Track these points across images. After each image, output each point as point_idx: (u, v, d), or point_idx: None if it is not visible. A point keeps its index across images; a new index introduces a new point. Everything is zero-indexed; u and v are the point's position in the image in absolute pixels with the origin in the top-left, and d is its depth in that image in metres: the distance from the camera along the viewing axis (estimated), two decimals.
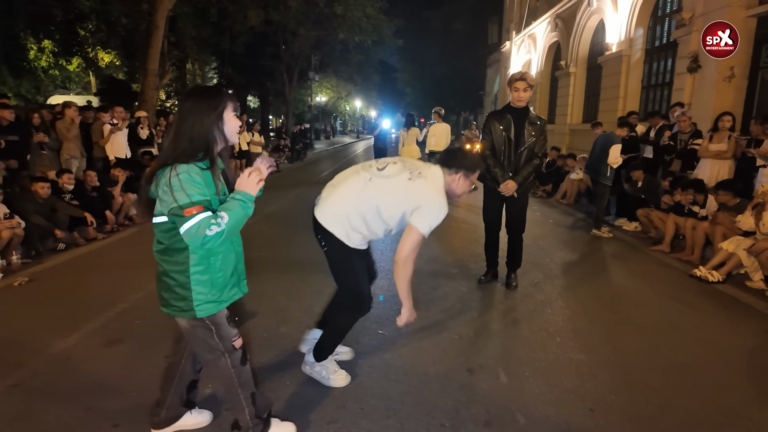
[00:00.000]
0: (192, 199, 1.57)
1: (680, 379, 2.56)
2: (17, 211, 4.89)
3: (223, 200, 1.69)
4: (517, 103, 3.65)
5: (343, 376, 2.44)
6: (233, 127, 1.73)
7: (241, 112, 30.42)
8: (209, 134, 1.66)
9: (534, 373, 2.56)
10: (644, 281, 4.30)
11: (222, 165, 1.76)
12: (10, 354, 2.77)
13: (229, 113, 1.71)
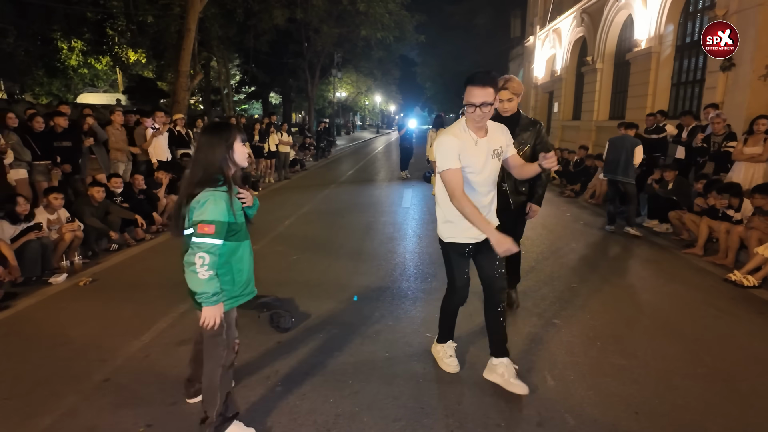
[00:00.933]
0: (208, 218, 1.95)
1: (720, 385, 2.69)
2: (75, 215, 5.25)
3: (237, 219, 2.07)
4: (502, 114, 3.13)
5: (453, 365, 2.77)
6: (241, 154, 2.11)
7: (264, 110, 30.88)
8: (221, 162, 2.03)
9: (578, 377, 2.72)
10: (679, 286, 4.39)
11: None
12: (93, 351, 3.05)
13: (238, 143, 2.09)
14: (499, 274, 2.56)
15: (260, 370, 2.79)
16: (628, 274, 4.72)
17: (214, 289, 2.00)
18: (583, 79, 16.07)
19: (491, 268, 2.54)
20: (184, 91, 12.61)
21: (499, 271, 2.55)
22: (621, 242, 6.00)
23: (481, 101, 2.27)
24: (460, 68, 31.75)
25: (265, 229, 6.43)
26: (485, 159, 2.42)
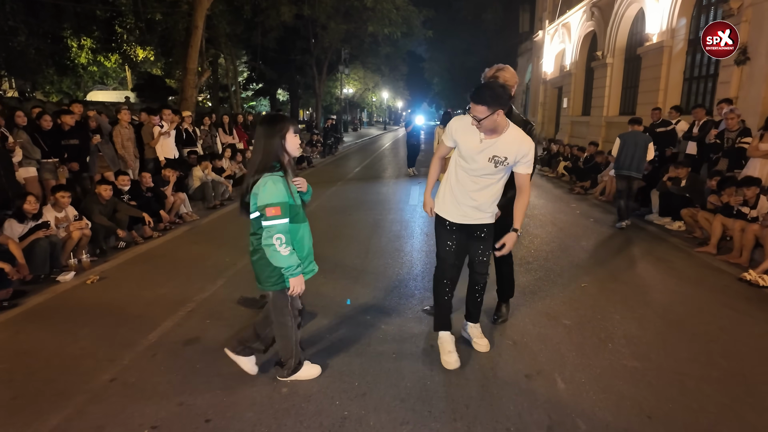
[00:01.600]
0: (273, 200, 2.21)
1: (735, 388, 2.62)
2: (83, 212, 5.27)
3: (295, 201, 2.35)
4: None
5: (453, 360, 2.79)
6: (293, 144, 2.34)
7: (272, 107, 30.94)
8: (277, 150, 2.29)
9: (590, 380, 2.67)
10: (693, 285, 4.31)
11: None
12: (101, 350, 3.05)
13: (290, 134, 2.32)
14: (480, 261, 2.85)
15: (265, 371, 2.77)
16: (639, 273, 4.64)
17: (297, 262, 2.31)
18: (593, 74, 15.87)
19: (475, 252, 2.86)
20: (192, 89, 12.62)
21: (480, 258, 2.85)
22: (632, 240, 5.91)
23: (478, 117, 2.44)
24: (469, 64, 31.52)
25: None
26: (480, 157, 2.60)
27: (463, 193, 2.70)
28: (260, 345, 2.67)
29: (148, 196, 6.38)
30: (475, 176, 2.65)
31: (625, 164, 6.47)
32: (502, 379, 2.65)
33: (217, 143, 9.54)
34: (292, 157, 2.36)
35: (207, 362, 2.87)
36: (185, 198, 7.10)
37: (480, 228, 2.79)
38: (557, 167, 11.91)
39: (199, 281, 4.30)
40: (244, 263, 4.84)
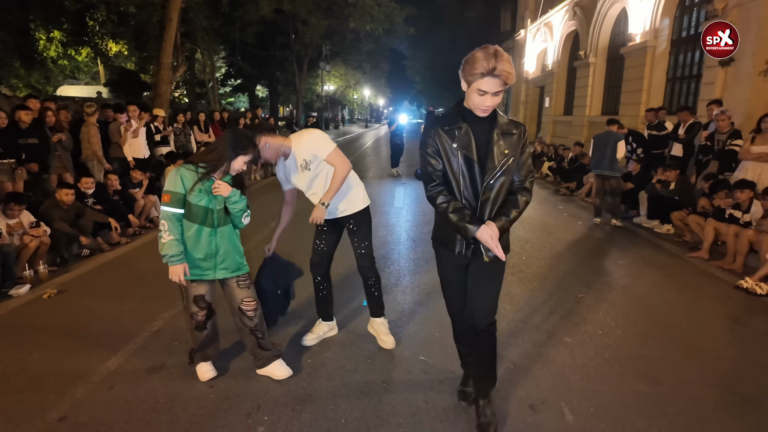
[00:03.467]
0: (166, 188, 2.39)
1: (756, 417, 2.42)
2: (42, 218, 4.82)
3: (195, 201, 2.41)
4: (479, 112, 1.96)
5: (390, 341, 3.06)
6: (237, 167, 2.45)
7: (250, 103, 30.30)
8: (221, 163, 2.42)
9: (599, 410, 2.43)
10: (691, 295, 4.14)
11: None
12: (51, 381, 2.68)
13: (240, 160, 2.43)
14: (360, 254, 2.96)
15: (240, 405, 2.45)
16: (635, 282, 4.45)
17: (174, 252, 2.36)
18: (576, 73, 15.85)
19: (354, 246, 2.98)
20: (167, 84, 12.08)
21: (360, 252, 2.96)
22: (623, 245, 5.75)
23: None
24: (450, 62, 31.40)
25: (253, 229, 6.05)
26: (298, 172, 2.94)
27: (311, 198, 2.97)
28: (267, 344, 2.68)
29: (116, 200, 5.96)
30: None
31: (597, 163, 6.73)
32: (504, 411, 2.39)
33: (191, 142, 9.08)
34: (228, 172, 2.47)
35: (172, 395, 2.54)
36: (156, 201, 6.67)
37: (347, 219, 2.96)
38: (541, 167, 11.79)
39: (168, 295, 3.93)
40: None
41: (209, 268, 2.51)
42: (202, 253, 2.47)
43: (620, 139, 6.47)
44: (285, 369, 2.70)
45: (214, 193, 2.40)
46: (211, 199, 2.42)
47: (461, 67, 1.86)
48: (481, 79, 1.80)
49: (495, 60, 1.76)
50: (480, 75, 1.79)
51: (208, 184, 2.39)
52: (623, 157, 6.80)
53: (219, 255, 2.50)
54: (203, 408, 2.42)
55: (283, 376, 2.67)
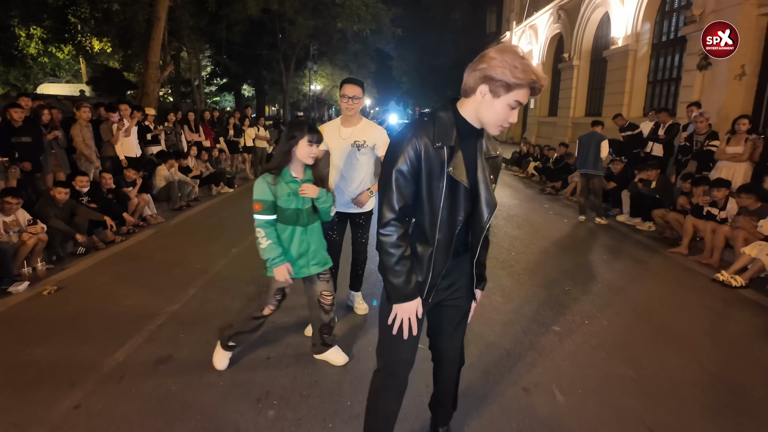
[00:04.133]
0: (255, 197, 2.48)
1: (731, 396, 2.62)
2: (37, 216, 4.84)
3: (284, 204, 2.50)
4: (493, 129, 1.57)
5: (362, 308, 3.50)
6: (304, 152, 2.45)
7: (236, 102, 30.08)
8: (286, 155, 2.48)
9: (587, 391, 2.61)
10: (671, 287, 4.37)
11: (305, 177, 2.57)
12: (60, 373, 2.75)
13: (303, 142, 2.43)
14: (360, 242, 3.37)
15: (250, 391, 2.56)
16: (619, 275, 4.67)
17: (274, 255, 2.48)
18: (560, 75, 16.20)
19: (356, 235, 3.36)
20: (154, 83, 12.03)
21: (360, 240, 3.37)
22: (606, 241, 5.99)
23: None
24: (436, 63, 31.64)
25: (247, 228, 6.14)
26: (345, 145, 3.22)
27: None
28: (331, 337, 2.79)
29: (109, 198, 5.98)
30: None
31: (582, 163, 7.00)
32: (500, 394, 2.55)
33: (182, 141, 9.09)
34: (303, 163, 2.50)
35: (182, 384, 2.64)
36: (149, 199, 6.70)
37: (358, 216, 3.26)
38: (527, 167, 12.06)
39: (168, 291, 4.01)
40: (217, 270, 4.58)
41: (304, 266, 2.59)
42: (297, 252, 2.56)
43: (603, 139, 6.75)
44: (342, 356, 2.83)
45: (301, 195, 2.47)
46: (299, 200, 2.49)
47: (481, 65, 1.45)
48: (522, 90, 1.44)
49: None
50: (526, 85, 1.43)
51: (294, 186, 2.47)
52: (607, 156, 7.08)
53: (311, 252, 2.59)
54: (214, 395, 2.53)
55: (341, 363, 2.81)
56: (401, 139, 1.51)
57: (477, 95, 1.49)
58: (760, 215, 4.83)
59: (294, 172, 2.50)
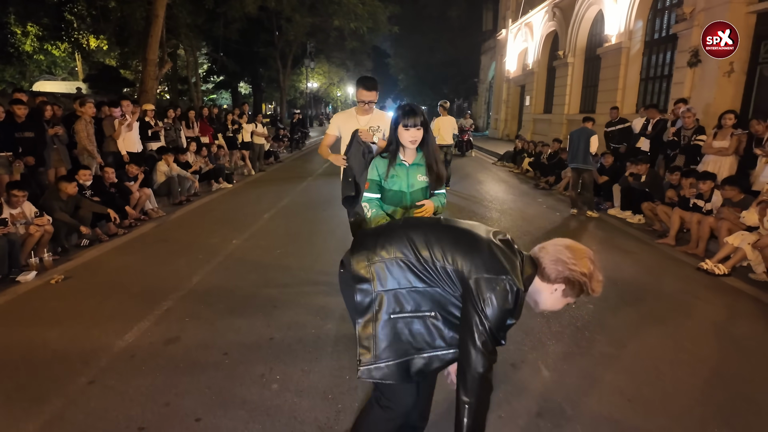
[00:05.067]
0: (367, 177, 2.57)
1: (706, 371, 2.80)
2: (43, 209, 4.98)
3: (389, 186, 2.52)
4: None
5: None
6: (403, 137, 2.41)
7: (233, 100, 30.11)
8: (393, 137, 2.48)
9: (571, 367, 2.78)
10: (657, 275, 4.55)
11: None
12: (74, 353, 2.91)
13: (400, 127, 2.40)
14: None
15: (254, 368, 2.72)
16: (607, 264, 4.83)
17: (380, 215, 2.51)
18: (555, 73, 16.38)
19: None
20: (153, 80, 12.13)
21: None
22: (597, 233, 6.16)
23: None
24: (433, 61, 31.77)
25: (247, 221, 6.30)
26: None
27: None
28: None
29: (112, 192, 6.11)
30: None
31: (572, 158, 7.18)
32: None
33: (181, 137, 9.21)
34: (403, 146, 2.46)
35: (191, 361, 2.79)
36: (150, 194, 6.84)
37: None
38: (522, 163, 12.23)
39: (172, 279, 4.16)
40: (219, 260, 4.73)
41: None
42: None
43: (593, 134, 6.93)
44: None
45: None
46: (403, 183, 2.51)
47: (574, 266, 1.52)
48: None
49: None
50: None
51: (400, 169, 2.49)
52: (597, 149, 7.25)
53: None
54: (220, 372, 2.69)
55: None
56: (517, 298, 1.47)
57: (551, 285, 1.55)
58: (743, 206, 5.01)
59: (402, 155, 2.50)
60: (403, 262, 1.54)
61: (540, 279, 1.56)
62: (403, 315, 1.54)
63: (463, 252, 1.52)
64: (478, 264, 1.48)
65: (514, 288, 1.45)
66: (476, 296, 1.44)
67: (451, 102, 34.56)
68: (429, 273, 1.53)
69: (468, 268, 1.48)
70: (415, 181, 2.52)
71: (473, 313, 1.44)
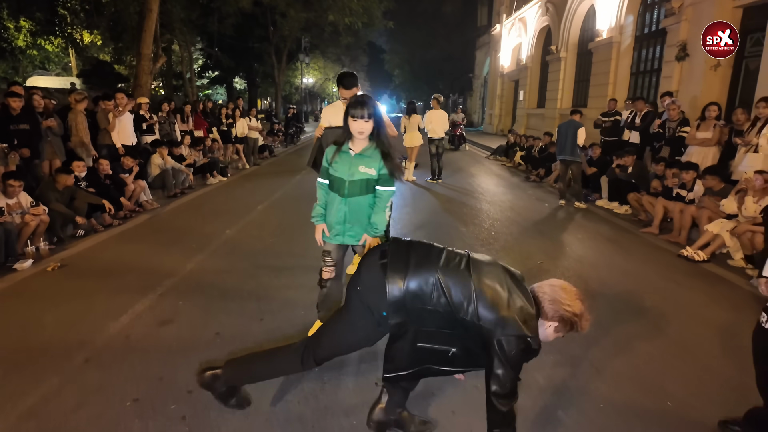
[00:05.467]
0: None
1: (676, 348, 2.94)
2: (39, 200, 5.06)
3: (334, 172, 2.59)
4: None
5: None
6: (351, 127, 2.45)
7: (228, 95, 30.06)
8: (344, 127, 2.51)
9: (547, 345, 2.90)
10: (639, 262, 4.69)
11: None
12: (71, 334, 3.01)
13: (349, 119, 2.45)
14: None
15: (245, 345, 2.84)
16: (590, 252, 4.99)
17: (316, 213, 2.73)
18: (548, 67, 16.49)
19: None
20: (147, 75, 12.16)
21: None
22: (583, 223, 6.30)
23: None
24: (428, 56, 31.82)
25: (240, 213, 6.40)
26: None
27: None
28: None
29: (107, 184, 6.19)
30: None
31: (560, 150, 7.33)
32: None
33: (175, 130, 9.28)
34: (353, 136, 2.49)
35: (184, 342, 2.91)
36: (145, 186, 6.93)
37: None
38: (514, 157, 12.36)
39: (167, 266, 4.27)
40: (213, 248, 4.84)
41: (339, 234, 2.69)
42: (333, 219, 2.67)
43: (580, 126, 7.05)
44: None
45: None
46: (344, 171, 2.54)
47: (566, 308, 1.81)
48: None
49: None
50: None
51: (344, 156, 2.54)
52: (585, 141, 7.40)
53: (347, 223, 2.66)
54: (212, 349, 2.80)
55: None
56: (536, 351, 1.75)
57: (547, 322, 1.83)
58: (723, 195, 5.16)
59: (351, 145, 2.54)
60: (435, 309, 1.73)
61: (541, 319, 1.82)
62: (429, 346, 1.79)
63: (489, 307, 1.69)
64: (502, 324, 1.66)
65: (534, 346, 1.70)
66: (501, 353, 1.65)
67: (446, 97, 34.65)
68: (457, 323, 1.73)
69: (494, 325, 1.67)
70: (356, 171, 2.52)
71: (499, 365, 1.66)
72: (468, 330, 1.72)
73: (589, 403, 2.39)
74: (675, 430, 2.22)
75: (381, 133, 2.51)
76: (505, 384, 1.66)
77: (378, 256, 1.87)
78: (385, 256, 1.84)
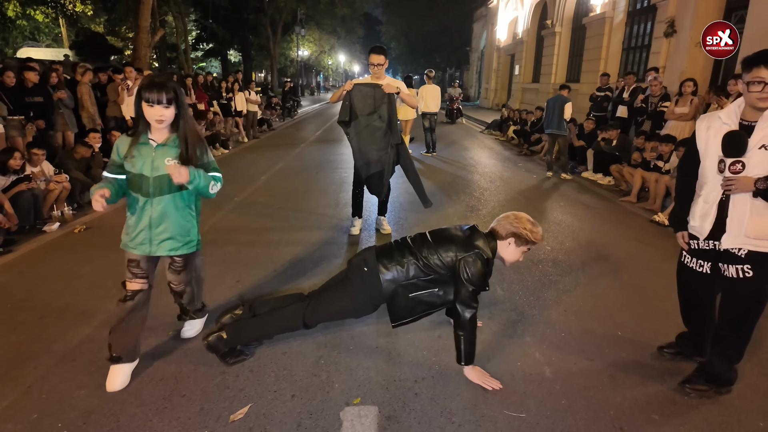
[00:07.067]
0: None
1: (631, 291, 3.43)
2: (60, 167, 5.44)
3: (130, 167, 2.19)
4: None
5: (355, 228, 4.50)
6: (147, 113, 2.10)
7: (223, 68, 29.82)
8: (137, 112, 2.15)
9: (523, 288, 3.38)
10: (613, 226, 5.16)
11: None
12: (110, 281, 3.45)
13: (143, 102, 2.10)
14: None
15: (262, 290, 3.29)
16: (569, 217, 5.44)
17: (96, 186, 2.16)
18: (543, 42, 16.65)
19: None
20: (146, 48, 12.32)
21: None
22: (566, 191, 6.75)
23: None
24: (425, 28, 31.61)
25: (245, 182, 6.79)
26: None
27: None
28: (183, 314, 2.84)
29: None
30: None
31: (548, 124, 7.72)
32: None
33: None
34: (149, 122, 2.14)
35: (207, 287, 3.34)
36: None
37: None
38: (507, 131, 12.70)
39: None
40: (223, 213, 5.26)
41: (145, 242, 2.28)
42: (136, 225, 2.26)
43: (567, 101, 7.41)
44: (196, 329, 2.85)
45: (172, 176, 2.08)
46: (146, 166, 2.16)
47: (514, 225, 2.37)
48: (532, 246, 2.49)
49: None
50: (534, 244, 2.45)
51: (143, 149, 2.17)
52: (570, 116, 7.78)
53: (157, 229, 2.25)
54: (234, 291, 3.25)
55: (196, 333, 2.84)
56: (488, 263, 2.33)
57: (505, 241, 2.38)
58: None
59: (150, 134, 2.18)
60: (415, 264, 2.34)
61: (499, 241, 2.37)
62: (419, 294, 2.35)
63: (447, 247, 2.32)
64: (456, 250, 2.29)
65: (483, 256, 2.27)
66: (461, 270, 2.25)
67: (443, 71, 34.57)
68: (432, 270, 2.32)
69: (454, 256, 2.28)
70: (161, 165, 2.14)
71: (461, 283, 2.25)
72: (440, 272, 2.30)
73: (551, 330, 2.87)
74: (622, 351, 2.70)
75: (184, 125, 2.18)
76: (468, 294, 2.24)
77: (374, 252, 2.44)
78: (380, 252, 2.43)
